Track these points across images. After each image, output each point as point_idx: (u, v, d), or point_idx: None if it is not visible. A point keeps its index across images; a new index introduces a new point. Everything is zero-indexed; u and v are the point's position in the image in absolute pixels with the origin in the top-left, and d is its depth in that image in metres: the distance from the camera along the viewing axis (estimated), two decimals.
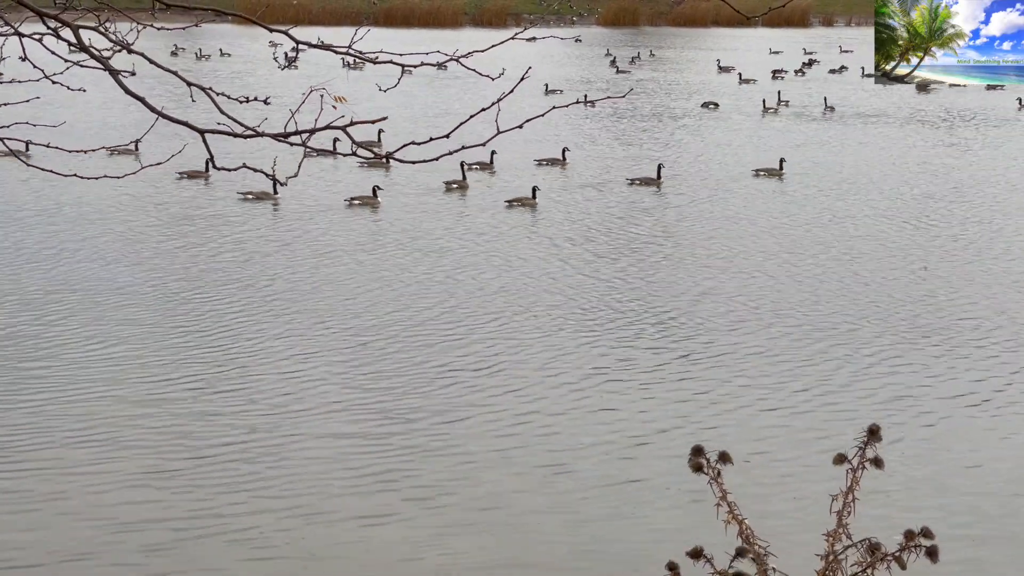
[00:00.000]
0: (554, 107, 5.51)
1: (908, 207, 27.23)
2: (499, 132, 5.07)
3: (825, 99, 47.63)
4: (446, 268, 21.25)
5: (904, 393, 15.12)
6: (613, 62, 65.25)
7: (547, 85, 49.68)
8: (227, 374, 15.59)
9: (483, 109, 5.14)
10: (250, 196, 26.89)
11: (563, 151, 33.14)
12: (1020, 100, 47.44)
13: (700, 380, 15.51)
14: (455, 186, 28.70)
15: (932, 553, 4.21)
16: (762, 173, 31.04)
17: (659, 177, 29.73)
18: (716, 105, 46.33)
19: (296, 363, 16.01)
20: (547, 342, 17.00)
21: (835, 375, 15.71)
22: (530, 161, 32.59)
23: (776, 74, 59.46)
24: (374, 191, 26.85)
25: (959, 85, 55.38)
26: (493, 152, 31.29)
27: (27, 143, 5.88)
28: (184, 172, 28.90)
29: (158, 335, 17.27)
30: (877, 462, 4.41)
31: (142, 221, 25.12)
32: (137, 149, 30.46)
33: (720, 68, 62.58)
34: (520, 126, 5.24)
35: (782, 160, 31.51)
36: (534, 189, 27.13)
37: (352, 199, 26.80)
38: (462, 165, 28.99)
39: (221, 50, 68.97)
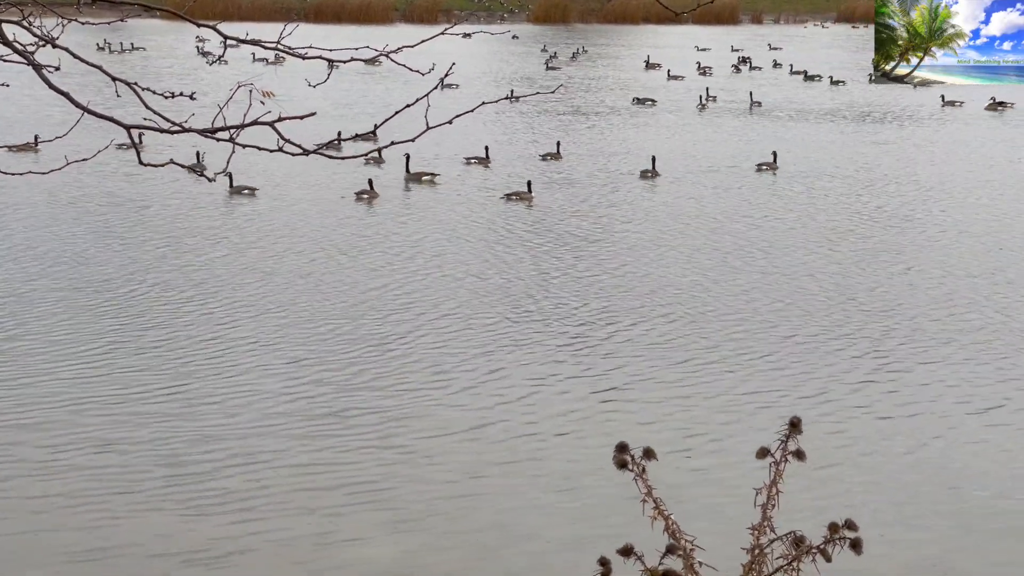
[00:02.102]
0: (484, 102, 5.52)
1: (890, 203, 27.64)
2: (428, 128, 5.08)
3: (751, 94, 48.23)
4: (438, 266, 21.05)
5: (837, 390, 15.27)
6: (553, 57, 65.72)
7: (443, 80, 49.28)
8: (198, 379, 15.17)
9: (397, 112, 5.14)
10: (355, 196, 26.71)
11: (557, 144, 33.74)
12: (943, 97, 48.04)
13: (687, 384, 15.35)
14: (425, 178, 28.92)
15: (856, 545, 4.26)
16: (764, 167, 31.60)
17: (654, 170, 30.21)
18: (653, 101, 46.64)
19: (277, 370, 15.51)
20: (537, 348, 16.59)
21: (797, 373, 15.83)
22: (513, 154, 33.30)
23: (703, 70, 60.08)
24: (370, 184, 26.92)
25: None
26: (487, 147, 32.23)
27: (35, 137, 5.81)
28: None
29: (129, 333, 16.96)
30: (799, 454, 4.45)
31: (132, 217, 24.87)
32: (141, 142, 30.29)
33: (648, 65, 62.97)
34: (450, 122, 5.25)
35: (775, 153, 32.21)
36: (528, 183, 27.41)
37: (358, 193, 26.96)
38: (407, 157, 29.25)
39: (133, 44, 68.08)
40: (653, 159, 30.55)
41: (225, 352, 16.22)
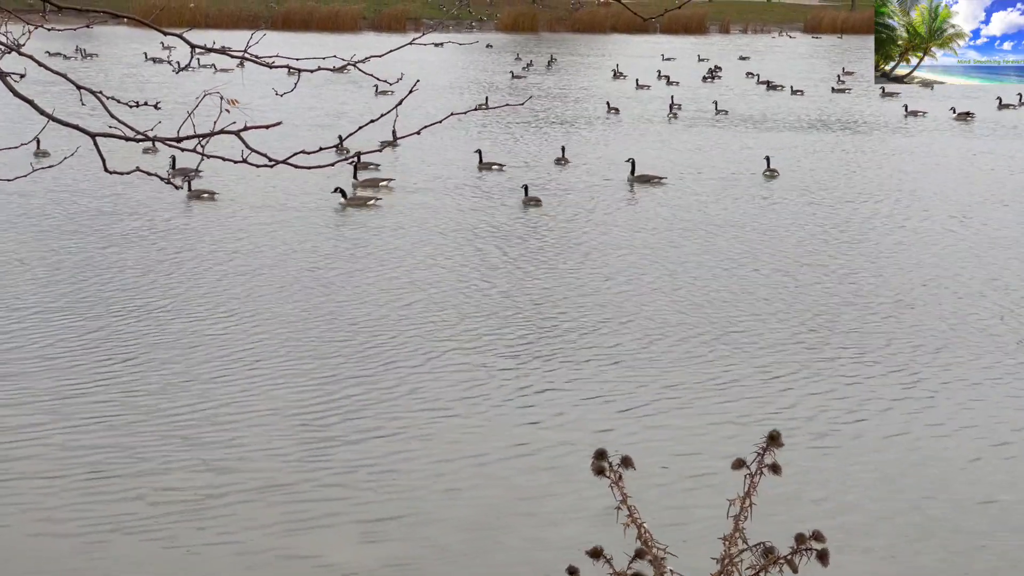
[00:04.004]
0: (452, 113, 5.51)
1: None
2: (396, 138, 5.07)
3: (715, 104, 48.45)
4: (434, 274, 21.07)
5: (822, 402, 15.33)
6: (529, 66, 66.23)
7: (376, 87, 50.15)
8: (187, 393, 14.97)
9: (361, 126, 5.12)
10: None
11: (562, 149, 34.49)
12: (906, 107, 48.33)
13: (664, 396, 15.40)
14: (383, 183, 29.23)
15: (823, 556, 4.27)
16: (775, 173, 32.14)
17: (633, 172, 30.77)
18: (617, 110, 46.81)
19: (267, 389, 15.29)
20: (532, 362, 16.52)
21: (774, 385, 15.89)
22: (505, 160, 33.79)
23: (663, 78, 60.40)
24: (343, 193, 26.96)
25: (843, 90, 56.32)
26: (479, 151, 32.90)
27: (37, 140, 5.73)
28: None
29: (106, 347, 16.81)
30: (775, 468, 4.45)
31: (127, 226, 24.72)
32: (155, 146, 30.26)
33: (616, 74, 63.19)
34: (418, 132, 5.24)
35: (768, 159, 32.73)
36: (525, 187, 27.95)
37: (363, 199, 27.22)
38: (354, 166, 29.56)
39: (85, 50, 67.46)
40: (633, 163, 30.92)
41: (216, 365, 15.99)
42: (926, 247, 24.20)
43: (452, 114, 5.60)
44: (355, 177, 29.17)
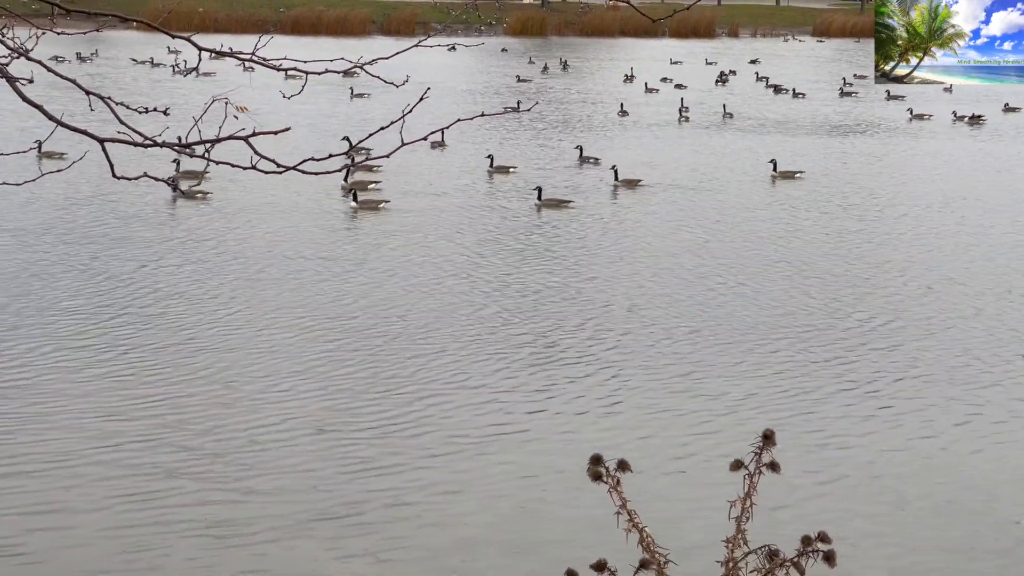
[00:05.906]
0: (459, 119, 5.52)
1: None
2: (403, 144, 5.08)
3: (724, 106, 48.45)
4: (443, 278, 21.12)
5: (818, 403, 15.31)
6: (544, 70, 66.37)
7: (352, 89, 50.40)
8: (197, 397, 14.95)
9: (370, 134, 5.14)
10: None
11: (579, 149, 34.91)
12: (911, 111, 48.27)
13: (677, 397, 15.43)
14: (371, 187, 29.15)
15: (829, 558, 4.27)
16: (790, 176, 32.47)
17: (617, 177, 30.71)
18: (626, 113, 46.93)
19: (271, 386, 15.35)
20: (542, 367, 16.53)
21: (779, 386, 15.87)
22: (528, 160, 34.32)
23: (667, 79, 60.42)
24: (354, 195, 26.95)
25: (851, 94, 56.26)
26: (490, 156, 32.95)
27: (39, 144, 5.75)
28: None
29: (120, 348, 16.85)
30: (773, 466, 4.46)
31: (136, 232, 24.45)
32: (187, 147, 30.18)
33: (627, 78, 63.27)
34: (424, 138, 5.25)
35: (774, 161, 32.96)
36: (539, 189, 28.07)
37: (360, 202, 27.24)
38: (347, 169, 29.35)
39: (79, 54, 67.42)
40: (616, 170, 30.84)
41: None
42: (969, 258, 23.91)
43: (459, 120, 5.60)
44: (345, 180, 29.01)
